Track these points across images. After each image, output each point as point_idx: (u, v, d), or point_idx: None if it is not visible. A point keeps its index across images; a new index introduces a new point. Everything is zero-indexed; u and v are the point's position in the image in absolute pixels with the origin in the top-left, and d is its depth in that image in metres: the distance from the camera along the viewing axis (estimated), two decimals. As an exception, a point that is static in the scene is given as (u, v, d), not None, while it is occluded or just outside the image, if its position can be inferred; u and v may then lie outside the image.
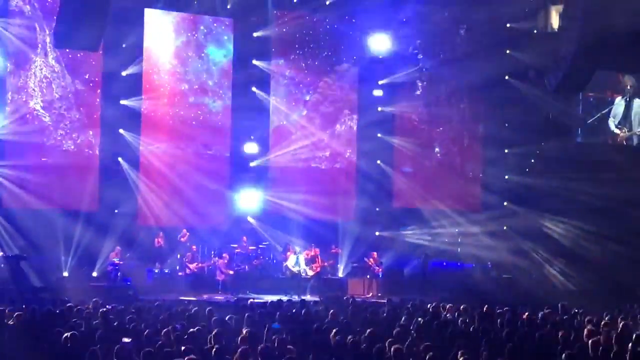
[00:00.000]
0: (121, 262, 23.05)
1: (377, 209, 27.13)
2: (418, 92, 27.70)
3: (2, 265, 21.63)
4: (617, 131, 27.97)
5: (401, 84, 27.37)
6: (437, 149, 27.89)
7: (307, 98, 27.21)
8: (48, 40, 24.94)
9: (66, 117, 25.27)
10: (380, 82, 27.03)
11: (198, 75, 26.32)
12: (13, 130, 24.32)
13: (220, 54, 26.42)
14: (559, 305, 17.00)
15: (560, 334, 12.64)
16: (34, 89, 24.82)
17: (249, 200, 26.04)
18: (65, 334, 11.33)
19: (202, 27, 26.38)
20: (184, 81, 26.20)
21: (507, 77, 26.57)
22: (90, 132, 25.37)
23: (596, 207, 25.02)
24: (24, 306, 15.24)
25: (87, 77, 25.38)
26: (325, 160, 27.40)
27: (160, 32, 25.82)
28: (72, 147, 25.16)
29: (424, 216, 26.91)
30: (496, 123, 27.22)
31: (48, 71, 25.32)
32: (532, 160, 27.43)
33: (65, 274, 22.73)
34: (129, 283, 22.51)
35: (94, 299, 16.37)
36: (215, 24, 26.47)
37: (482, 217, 26.71)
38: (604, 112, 27.77)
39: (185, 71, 26.20)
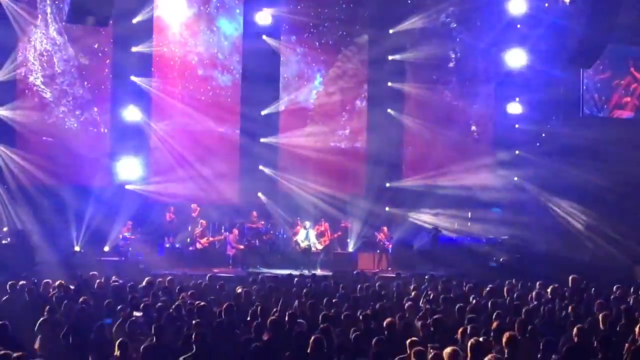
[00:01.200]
0: (132, 237, 23.12)
1: (387, 185, 27.03)
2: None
3: (11, 239, 21.71)
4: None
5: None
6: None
7: (318, 77, 26.99)
8: (49, 10, 24.18)
9: (69, 93, 24.75)
10: (390, 58, 26.81)
11: (208, 48, 25.97)
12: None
13: (232, 28, 26.08)
14: (570, 278, 16.99)
15: (570, 307, 12.67)
16: (33, 63, 24.15)
17: (259, 176, 25.97)
18: (77, 308, 11.43)
19: (214, 0, 26.02)
20: (194, 54, 25.85)
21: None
22: (95, 109, 24.85)
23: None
24: (35, 280, 15.34)
25: (93, 50, 24.72)
26: (345, 139, 27.30)
27: (172, 4, 25.38)
28: (75, 125, 24.69)
29: (435, 192, 26.80)
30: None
31: (49, 44, 24.52)
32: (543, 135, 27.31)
33: (77, 248, 22.80)
34: (140, 258, 22.60)
35: (106, 274, 16.49)
36: (227, -4, 26.09)
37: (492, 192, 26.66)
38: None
39: (195, 43, 25.81)
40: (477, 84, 27.51)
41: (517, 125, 27.49)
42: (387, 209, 26.64)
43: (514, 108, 27.44)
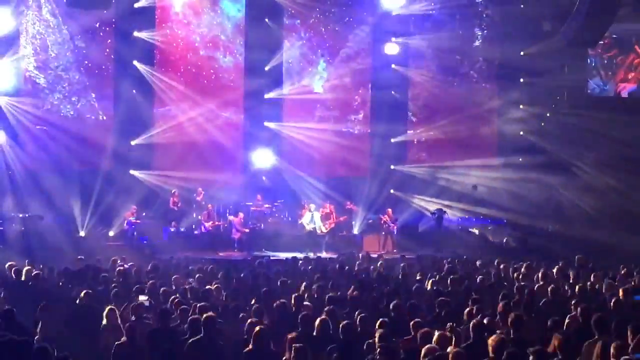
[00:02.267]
0: (137, 221, 23.15)
1: (392, 167, 26.96)
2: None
3: (17, 225, 21.75)
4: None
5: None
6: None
7: (322, 63, 26.79)
8: None
9: (64, 79, 24.23)
10: (394, 40, 26.66)
11: (211, 29, 25.72)
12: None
13: (235, 9, 25.96)
14: (576, 258, 16.99)
15: (577, 287, 12.65)
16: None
17: (263, 159, 25.94)
18: (82, 292, 11.44)
19: None
20: (196, 34, 25.63)
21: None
22: (93, 95, 24.46)
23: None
24: (41, 265, 15.37)
25: (90, 32, 24.21)
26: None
27: None
28: (72, 112, 24.38)
29: (439, 173, 26.78)
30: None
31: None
32: (548, 114, 27.17)
33: (82, 233, 22.84)
34: (145, 242, 22.65)
35: (112, 258, 16.51)
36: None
37: (498, 172, 26.60)
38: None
39: (198, 23, 25.58)
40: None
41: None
42: (391, 191, 26.60)
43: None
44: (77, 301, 11.43)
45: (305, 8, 26.18)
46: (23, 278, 13.41)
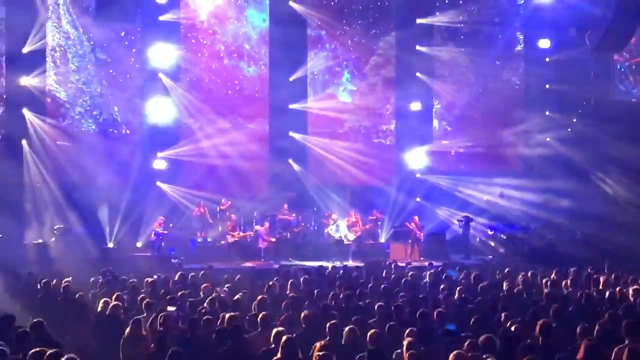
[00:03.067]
0: (165, 232, 23.27)
1: (418, 175, 26.86)
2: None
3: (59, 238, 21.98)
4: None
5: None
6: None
7: (346, 74, 26.65)
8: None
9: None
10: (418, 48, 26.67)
11: (236, 38, 25.69)
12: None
13: (260, 18, 25.94)
14: (605, 264, 16.85)
15: (606, 294, 12.54)
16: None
17: (289, 169, 25.96)
18: (111, 304, 11.49)
19: None
20: (220, 42, 25.59)
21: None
22: (116, 108, 24.28)
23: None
24: (70, 277, 15.47)
25: (114, 44, 24.01)
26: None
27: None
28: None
29: (464, 180, 26.69)
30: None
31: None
32: (574, 120, 26.96)
33: (111, 244, 22.98)
34: (172, 252, 22.75)
35: (139, 270, 16.59)
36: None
37: (523, 179, 26.45)
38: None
39: (222, 32, 25.54)
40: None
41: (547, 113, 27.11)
42: (417, 199, 26.51)
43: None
44: (106, 312, 11.48)
45: (331, 19, 26.17)
46: (52, 289, 13.53)
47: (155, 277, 16.07)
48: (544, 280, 15.00)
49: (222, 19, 25.61)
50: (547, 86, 26.86)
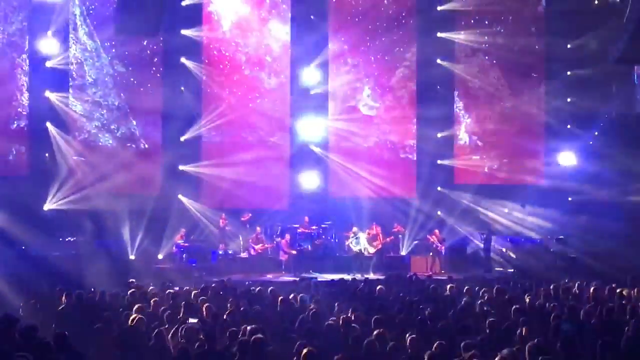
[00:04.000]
0: (186, 244, 23.35)
1: (439, 188, 26.69)
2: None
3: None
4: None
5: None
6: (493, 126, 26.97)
7: (367, 90, 26.42)
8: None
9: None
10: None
11: (257, 49, 25.52)
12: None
13: (283, 31, 25.81)
14: (628, 278, 16.73)
15: (628, 307, 12.46)
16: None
17: (310, 181, 25.98)
18: (133, 316, 11.55)
19: (267, 1, 25.60)
20: (242, 53, 25.45)
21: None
22: (134, 122, 24.01)
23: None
24: (92, 289, 15.58)
25: (134, 57, 23.79)
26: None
27: (225, 8, 25.23)
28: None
29: (487, 192, 26.53)
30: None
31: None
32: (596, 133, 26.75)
33: (132, 257, 23.10)
34: (194, 264, 22.83)
35: (160, 282, 16.65)
36: (280, -1, 25.54)
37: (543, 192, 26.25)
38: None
39: (244, 43, 25.41)
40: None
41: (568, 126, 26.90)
42: (438, 213, 26.38)
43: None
44: (130, 323, 11.54)
45: (354, 34, 26.14)
46: (74, 300, 13.61)
47: (176, 288, 16.18)
48: (565, 294, 14.94)
49: (244, 30, 25.50)
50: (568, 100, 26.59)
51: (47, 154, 23.81)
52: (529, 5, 26.56)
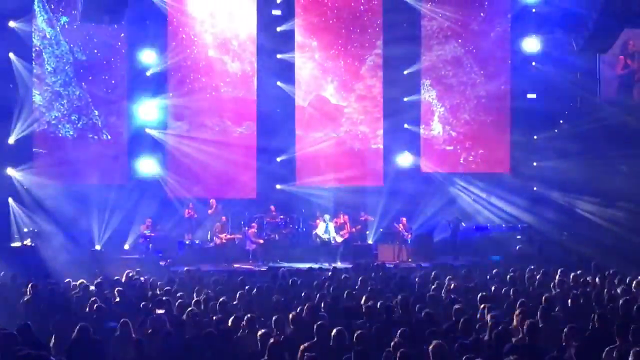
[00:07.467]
0: (152, 234, 23.21)
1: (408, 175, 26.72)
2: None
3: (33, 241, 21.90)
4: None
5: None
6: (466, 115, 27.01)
7: (332, 83, 26.25)
8: None
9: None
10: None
11: (223, 31, 25.13)
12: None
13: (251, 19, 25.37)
14: (592, 265, 16.91)
15: (593, 294, 12.59)
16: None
17: (277, 171, 25.91)
18: (98, 306, 11.47)
19: None
20: (209, 34, 25.05)
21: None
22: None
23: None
24: (54, 280, 15.44)
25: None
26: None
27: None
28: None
29: (452, 180, 26.71)
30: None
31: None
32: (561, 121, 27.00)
33: (98, 247, 22.90)
34: (160, 255, 22.70)
35: (127, 272, 16.53)
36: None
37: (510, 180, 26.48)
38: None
39: (212, 23, 24.96)
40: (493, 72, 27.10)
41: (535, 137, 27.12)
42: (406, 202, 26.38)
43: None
44: (93, 315, 11.45)
45: (324, 29, 26.02)
46: (39, 291, 13.48)
47: (143, 278, 16.10)
48: (531, 281, 15.08)
49: (212, 12, 25.10)
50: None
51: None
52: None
